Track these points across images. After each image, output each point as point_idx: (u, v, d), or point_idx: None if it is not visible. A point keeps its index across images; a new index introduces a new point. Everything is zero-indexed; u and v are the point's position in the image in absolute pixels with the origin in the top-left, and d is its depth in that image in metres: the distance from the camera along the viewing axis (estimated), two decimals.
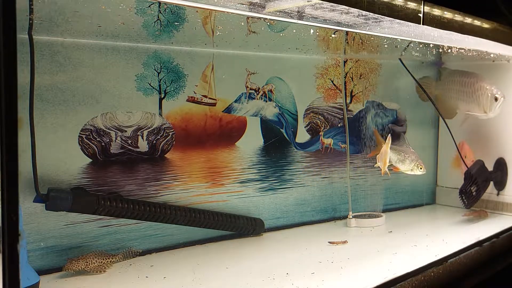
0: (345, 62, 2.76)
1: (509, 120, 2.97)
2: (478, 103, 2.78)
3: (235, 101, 2.34)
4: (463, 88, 2.83)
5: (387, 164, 2.32)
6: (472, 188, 2.80)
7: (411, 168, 2.37)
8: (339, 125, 2.76)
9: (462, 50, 2.76)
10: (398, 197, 3.06)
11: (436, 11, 1.98)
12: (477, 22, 2.25)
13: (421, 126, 3.23)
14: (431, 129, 3.29)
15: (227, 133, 2.33)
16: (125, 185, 2.01)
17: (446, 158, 3.24)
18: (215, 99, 2.27)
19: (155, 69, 2.07)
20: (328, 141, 2.71)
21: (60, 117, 1.83)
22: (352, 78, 2.80)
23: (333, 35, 2.52)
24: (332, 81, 2.71)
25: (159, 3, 1.93)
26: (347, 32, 2.59)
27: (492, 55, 2.91)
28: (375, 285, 1.76)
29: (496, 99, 2.74)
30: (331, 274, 1.86)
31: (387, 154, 2.31)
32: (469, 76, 2.84)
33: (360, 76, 2.84)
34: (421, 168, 2.37)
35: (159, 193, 2.11)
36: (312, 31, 2.37)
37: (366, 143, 2.85)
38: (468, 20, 2.20)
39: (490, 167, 2.98)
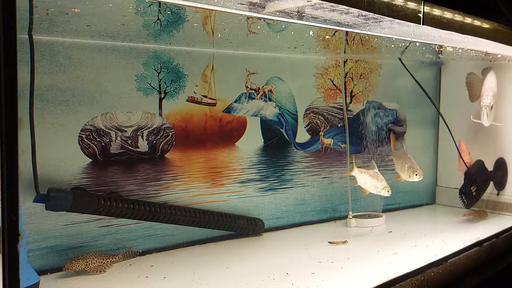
0: (345, 62, 2.76)
1: (509, 120, 2.97)
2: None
3: (235, 101, 2.34)
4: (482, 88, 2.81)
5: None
6: (472, 188, 2.80)
7: (408, 174, 2.41)
8: (339, 125, 2.76)
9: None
10: (398, 197, 3.06)
11: (436, 11, 1.98)
12: (477, 22, 2.25)
13: (421, 126, 3.23)
14: (431, 129, 3.29)
15: (227, 133, 2.33)
16: (125, 185, 2.01)
17: (446, 158, 3.24)
18: (215, 99, 2.27)
19: (155, 69, 2.07)
20: (328, 141, 2.71)
21: (60, 117, 1.83)
22: (352, 78, 2.80)
23: (327, 36, 2.51)
24: (332, 81, 2.71)
25: (159, 3, 1.93)
26: (347, 32, 2.59)
27: (499, 55, 2.89)
28: (375, 285, 1.76)
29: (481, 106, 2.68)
30: (331, 274, 1.86)
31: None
32: (487, 75, 2.79)
33: (360, 76, 2.84)
34: (416, 174, 2.39)
35: (159, 193, 2.11)
36: (311, 32, 2.37)
37: (365, 143, 2.85)
38: (468, 20, 2.20)
39: (490, 167, 2.98)
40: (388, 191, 2.36)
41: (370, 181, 2.35)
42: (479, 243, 2.40)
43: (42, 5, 1.58)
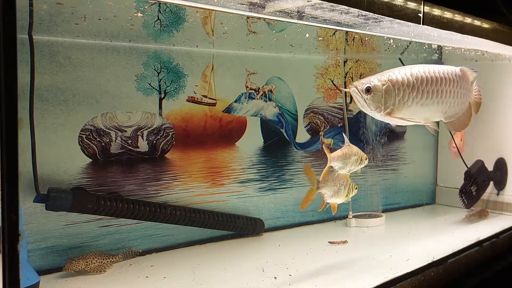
0: (345, 62, 2.76)
1: (509, 120, 2.97)
2: None
3: (235, 101, 2.34)
4: None
5: None
6: (472, 188, 2.80)
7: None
8: (339, 125, 2.76)
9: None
10: (398, 197, 3.06)
11: (436, 11, 1.98)
12: (477, 22, 2.25)
13: (421, 126, 3.22)
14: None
15: (227, 133, 2.33)
16: (125, 185, 2.01)
17: (446, 158, 3.23)
18: (215, 99, 2.26)
19: (155, 69, 2.07)
20: (328, 141, 2.71)
21: (60, 117, 1.83)
22: (352, 78, 2.80)
23: (320, 39, 2.51)
24: (332, 81, 2.71)
25: (159, 3, 1.93)
26: (347, 32, 2.59)
27: (507, 55, 2.87)
28: (375, 285, 1.76)
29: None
30: (331, 274, 1.86)
31: None
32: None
33: (360, 76, 2.84)
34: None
35: (159, 193, 2.11)
36: (308, 35, 2.37)
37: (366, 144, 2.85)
38: (468, 20, 2.20)
39: (490, 167, 2.98)
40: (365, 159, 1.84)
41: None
42: (479, 243, 2.40)
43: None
